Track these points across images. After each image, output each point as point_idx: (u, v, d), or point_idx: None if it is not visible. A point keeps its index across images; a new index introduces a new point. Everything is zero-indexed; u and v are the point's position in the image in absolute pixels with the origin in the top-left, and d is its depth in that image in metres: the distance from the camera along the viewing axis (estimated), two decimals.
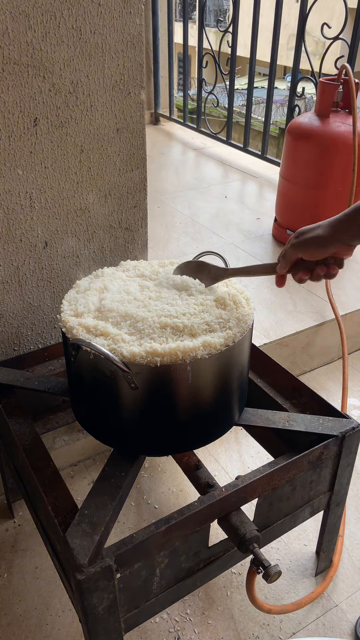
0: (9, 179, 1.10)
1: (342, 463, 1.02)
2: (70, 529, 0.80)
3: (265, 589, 1.16)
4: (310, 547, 1.23)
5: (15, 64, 1.02)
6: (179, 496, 1.35)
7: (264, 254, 2.15)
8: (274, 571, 0.85)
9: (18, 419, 1.03)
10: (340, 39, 2.23)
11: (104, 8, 1.07)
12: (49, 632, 1.07)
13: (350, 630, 1.08)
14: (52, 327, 1.33)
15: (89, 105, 1.13)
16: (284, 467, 0.92)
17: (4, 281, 1.20)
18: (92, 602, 0.77)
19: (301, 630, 1.09)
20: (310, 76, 2.41)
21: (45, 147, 1.12)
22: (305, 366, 1.78)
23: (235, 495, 0.88)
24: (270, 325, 1.69)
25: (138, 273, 1.05)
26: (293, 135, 2.05)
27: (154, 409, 0.88)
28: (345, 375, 1.60)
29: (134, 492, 1.35)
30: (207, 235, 2.30)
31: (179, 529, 0.83)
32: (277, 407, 1.09)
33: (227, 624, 1.09)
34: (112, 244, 1.33)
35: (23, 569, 1.19)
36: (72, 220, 1.23)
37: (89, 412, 0.97)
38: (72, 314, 0.92)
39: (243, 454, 1.47)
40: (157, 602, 0.89)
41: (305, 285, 1.91)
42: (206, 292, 0.97)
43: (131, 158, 1.25)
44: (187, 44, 3.27)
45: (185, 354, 0.82)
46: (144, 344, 0.83)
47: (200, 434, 0.95)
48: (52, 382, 1.11)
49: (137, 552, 0.79)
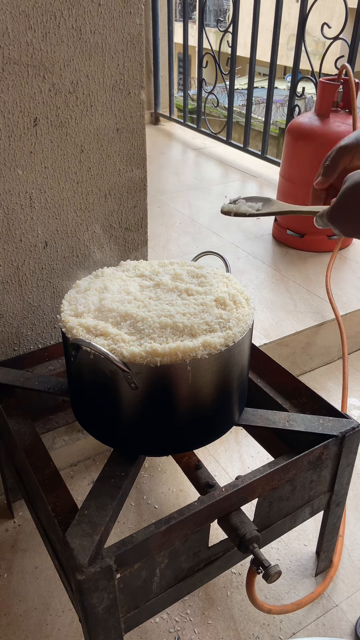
0: (9, 179, 1.10)
1: (342, 463, 1.02)
2: (70, 529, 0.80)
3: (265, 589, 1.15)
4: (310, 547, 1.23)
5: (15, 64, 1.02)
6: (179, 496, 1.35)
7: (264, 254, 2.15)
8: (274, 571, 0.85)
9: (18, 419, 1.03)
10: (340, 39, 2.23)
11: (104, 8, 1.07)
12: (49, 632, 1.07)
13: (350, 631, 1.08)
14: (52, 327, 1.32)
15: (89, 105, 1.13)
16: (284, 467, 0.92)
17: (4, 281, 1.20)
18: (92, 602, 0.77)
19: (301, 630, 1.09)
20: (310, 76, 2.41)
21: (45, 147, 1.12)
22: (305, 366, 1.78)
23: (235, 495, 0.88)
24: (270, 325, 1.69)
25: (138, 273, 1.05)
26: (293, 135, 2.05)
27: (154, 409, 0.88)
28: (345, 375, 1.60)
29: (134, 492, 1.35)
30: (207, 235, 2.30)
31: (179, 529, 0.83)
32: (277, 407, 1.09)
33: (227, 624, 1.09)
34: (112, 244, 1.33)
35: (23, 569, 1.18)
36: (72, 220, 1.23)
37: (89, 412, 0.97)
38: (72, 314, 0.92)
39: (243, 454, 1.47)
40: (157, 602, 0.89)
41: (305, 285, 1.91)
42: (206, 292, 0.97)
43: (131, 158, 1.25)
44: (187, 44, 3.26)
45: (185, 354, 0.82)
46: (144, 344, 0.83)
47: (200, 434, 0.95)
48: (52, 382, 1.11)
49: (137, 552, 0.79)
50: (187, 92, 3.68)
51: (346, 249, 2.19)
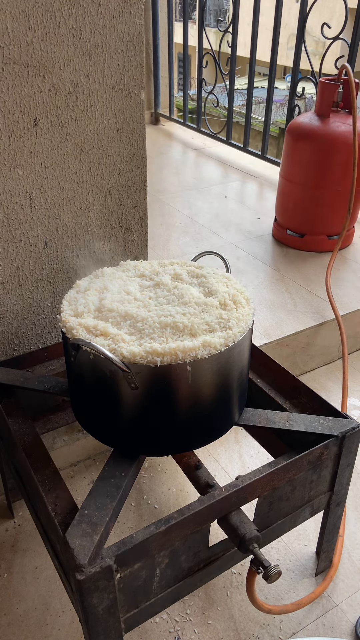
0: (9, 179, 1.10)
1: (342, 463, 1.02)
2: (70, 529, 0.80)
3: (265, 589, 1.15)
4: (310, 547, 1.23)
5: (15, 64, 1.02)
6: (179, 496, 1.35)
7: (264, 254, 2.15)
8: (274, 571, 0.85)
9: (18, 419, 1.03)
10: (340, 39, 2.23)
11: (104, 8, 1.07)
12: (49, 632, 1.07)
13: (350, 630, 1.08)
14: (52, 327, 1.33)
15: (89, 105, 1.13)
16: (284, 467, 0.92)
17: (4, 281, 1.20)
18: (92, 602, 0.77)
19: (301, 630, 1.09)
20: (310, 76, 2.41)
21: (45, 147, 1.12)
22: (305, 366, 1.78)
23: (235, 495, 0.88)
24: (270, 325, 1.69)
25: (138, 273, 1.05)
26: (293, 135, 2.05)
27: (154, 409, 0.88)
28: (345, 375, 1.60)
29: (134, 492, 1.35)
30: (207, 235, 2.30)
31: (179, 529, 0.83)
32: (277, 407, 1.09)
33: (227, 624, 1.09)
34: (112, 244, 1.33)
35: (23, 569, 1.19)
36: (72, 220, 1.23)
37: (89, 412, 0.97)
38: (72, 314, 0.92)
39: (243, 454, 1.47)
40: (157, 602, 0.89)
41: (305, 285, 1.91)
42: (206, 292, 0.97)
43: (131, 158, 1.25)
44: (187, 44, 3.26)
45: (185, 354, 0.82)
46: (144, 344, 0.83)
47: (200, 434, 0.95)
48: (52, 382, 1.11)
49: (137, 552, 0.79)
50: (187, 92, 3.68)
51: (346, 249, 2.19)
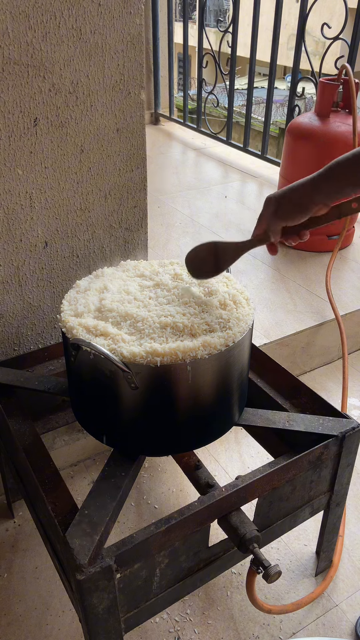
0: (9, 179, 1.10)
1: (342, 463, 1.02)
2: (70, 529, 0.80)
3: (265, 589, 1.15)
4: (310, 547, 1.23)
5: (15, 64, 1.02)
6: (179, 496, 1.35)
7: (264, 254, 2.15)
8: (274, 571, 0.85)
9: (18, 419, 1.03)
10: (340, 39, 2.23)
11: (104, 8, 1.07)
12: (49, 632, 1.07)
13: (350, 630, 1.08)
14: (52, 327, 1.33)
15: (89, 105, 1.13)
16: (284, 467, 0.92)
17: (4, 281, 1.20)
18: (92, 602, 0.77)
19: (301, 630, 1.09)
20: (310, 76, 2.41)
21: (45, 147, 1.12)
22: (305, 366, 1.78)
23: (235, 495, 0.88)
24: (270, 325, 1.69)
25: (138, 273, 1.05)
26: (293, 135, 2.05)
27: (154, 409, 0.88)
28: (345, 375, 1.60)
29: (134, 492, 1.35)
30: (207, 235, 2.30)
31: (179, 529, 0.83)
32: (277, 407, 1.09)
33: (227, 624, 1.09)
34: (112, 244, 1.33)
35: (23, 569, 1.18)
36: (72, 220, 1.23)
37: (89, 412, 0.97)
38: (72, 314, 0.92)
39: (243, 454, 1.47)
40: (157, 602, 0.89)
41: (305, 285, 1.91)
42: (206, 292, 0.97)
43: (131, 158, 1.25)
44: (187, 44, 3.26)
45: (185, 354, 0.82)
46: (144, 344, 0.83)
47: (200, 434, 0.95)
48: (52, 382, 1.11)
49: (137, 552, 0.79)
50: (187, 92, 3.68)
51: (346, 249, 2.19)
